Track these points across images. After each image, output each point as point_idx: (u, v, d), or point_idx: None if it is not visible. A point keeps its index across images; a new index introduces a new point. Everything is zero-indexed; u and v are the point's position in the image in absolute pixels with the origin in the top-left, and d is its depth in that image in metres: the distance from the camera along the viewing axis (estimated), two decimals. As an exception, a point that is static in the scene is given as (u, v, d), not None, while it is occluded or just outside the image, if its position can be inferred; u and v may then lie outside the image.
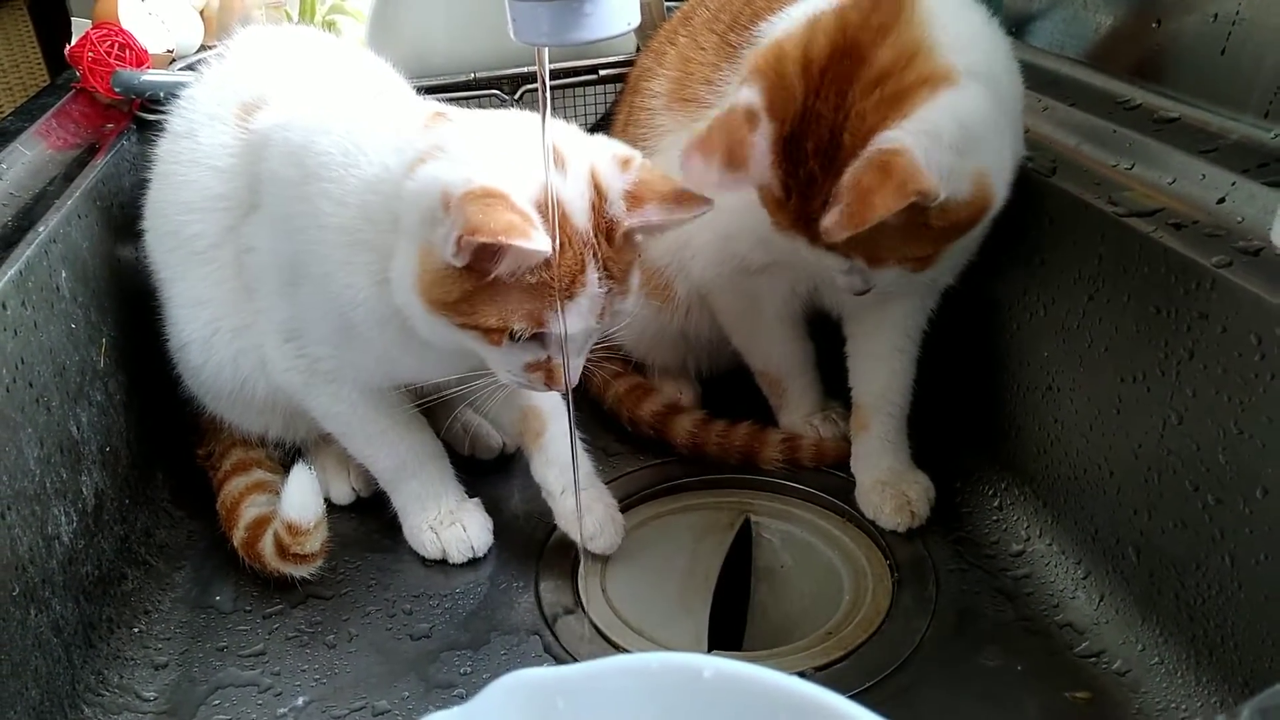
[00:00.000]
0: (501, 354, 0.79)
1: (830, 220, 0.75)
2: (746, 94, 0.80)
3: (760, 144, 0.80)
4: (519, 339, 0.78)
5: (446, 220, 0.72)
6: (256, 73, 0.97)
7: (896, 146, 0.74)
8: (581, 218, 0.76)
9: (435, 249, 0.74)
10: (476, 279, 0.74)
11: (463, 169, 0.74)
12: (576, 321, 0.77)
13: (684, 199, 0.79)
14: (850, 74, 0.77)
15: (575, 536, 0.95)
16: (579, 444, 0.91)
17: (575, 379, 0.82)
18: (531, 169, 0.75)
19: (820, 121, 0.78)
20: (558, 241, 0.74)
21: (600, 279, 0.77)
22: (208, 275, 0.95)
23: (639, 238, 0.81)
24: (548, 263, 0.74)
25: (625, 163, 0.80)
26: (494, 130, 0.80)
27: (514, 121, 0.81)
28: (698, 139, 0.80)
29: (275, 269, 0.89)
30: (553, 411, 0.97)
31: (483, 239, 0.69)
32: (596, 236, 0.77)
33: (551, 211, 0.74)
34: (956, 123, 0.76)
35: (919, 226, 0.78)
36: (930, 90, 0.76)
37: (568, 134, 0.81)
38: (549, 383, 0.81)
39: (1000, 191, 0.81)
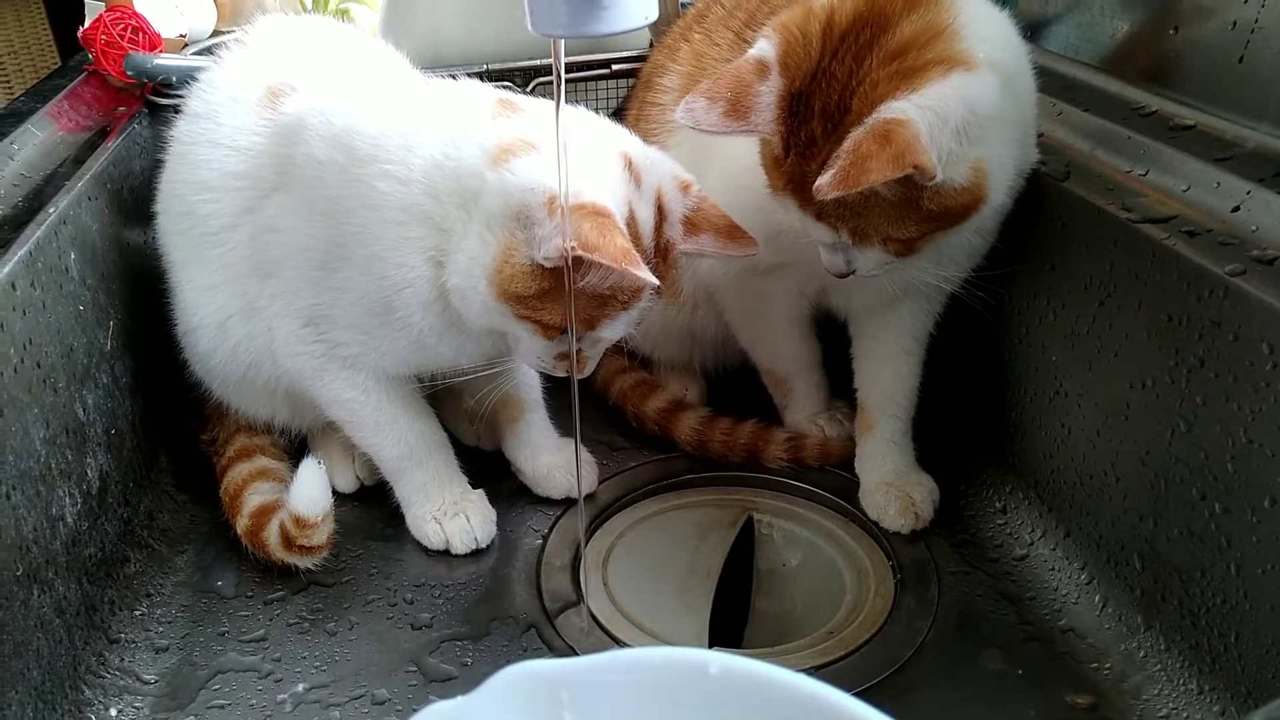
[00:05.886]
0: (544, 345, 0.83)
1: (824, 180, 0.74)
2: (763, 45, 0.81)
3: (766, 97, 0.80)
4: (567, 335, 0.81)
5: (548, 224, 0.75)
6: (281, 59, 0.97)
7: (901, 118, 0.73)
8: (648, 238, 0.81)
9: (523, 246, 0.77)
10: (554, 280, 0.77)
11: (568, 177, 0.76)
12: (622, 328, 0.82)
13: (736, 235, 0.84)
14: (871, 42, 0.78)
15: (553, 494, 1.04)
16: (544, 413, 1.05)
17: (593, 369, 0.87)
18: (619, 185, 0.79)
19: (832, 83, 0.78)
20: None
21: (650, 294, 0.81)
22: (220, 258, 0.94)
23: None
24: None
25: (685, 187, 0.84)
26: (580, 134, 0.81)
27: (590, 124, 0.84)
28: (707, 83, 0.81)
29: (303, 251, 0.89)
30: (529, 403, 1.04)
31: (600, 259, 0.72)
32: (655, 255, 0.82)
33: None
34: (965, 107, 0.76)
35: (910, 206, 0.78)
36: (945, 71, 0.76)
37: (640, 149, 0.84)
38: (571, 370, 0.85)
39: (997, 190, 0.81)
